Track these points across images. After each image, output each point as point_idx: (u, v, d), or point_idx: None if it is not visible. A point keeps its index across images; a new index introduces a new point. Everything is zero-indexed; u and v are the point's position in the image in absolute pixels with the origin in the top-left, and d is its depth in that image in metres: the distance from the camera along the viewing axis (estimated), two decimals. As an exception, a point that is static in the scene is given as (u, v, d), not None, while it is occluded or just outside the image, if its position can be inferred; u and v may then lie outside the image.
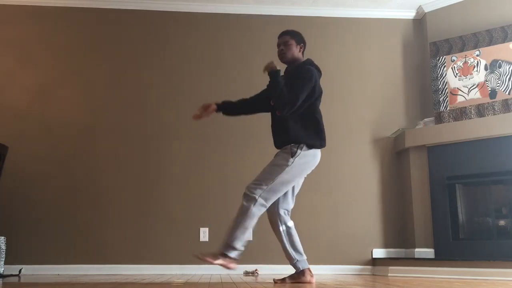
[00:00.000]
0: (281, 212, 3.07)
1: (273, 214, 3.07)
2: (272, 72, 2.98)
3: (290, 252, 3.05)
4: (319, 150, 3.05)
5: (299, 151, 2.95)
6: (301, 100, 2.95)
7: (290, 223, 3.08)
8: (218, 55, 4.93)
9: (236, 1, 4.92)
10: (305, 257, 3.08)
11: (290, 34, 3.16)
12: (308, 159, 3.00)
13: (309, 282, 3.02)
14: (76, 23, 4.88)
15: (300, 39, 3.18)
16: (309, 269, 3.06)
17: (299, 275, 3.05)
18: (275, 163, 2.98)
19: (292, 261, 3.06)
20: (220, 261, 2.85)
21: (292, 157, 2.94)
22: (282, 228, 3.06)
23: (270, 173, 2.93)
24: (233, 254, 2.87)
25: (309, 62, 3.13)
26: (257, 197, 2.87)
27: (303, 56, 3.20)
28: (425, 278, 3.72)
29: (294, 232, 3.07)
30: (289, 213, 3.13)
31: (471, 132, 4.31)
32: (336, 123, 4.81)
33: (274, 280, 3.12)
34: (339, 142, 4.79)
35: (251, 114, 3.34)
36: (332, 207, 4.71)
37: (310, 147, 2.98)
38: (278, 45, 3.18)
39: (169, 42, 4.92)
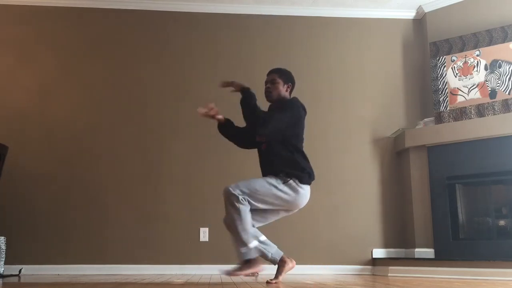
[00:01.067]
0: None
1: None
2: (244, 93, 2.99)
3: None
4: (309, 188, 2.99)
5: (291, 181, 2.92)
6: (283, 125, 2.90)
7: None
8: (218, 55, 4.93)
9: (236, 1, 4.92)
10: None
11: (278, 73, 3.11)
12: (299, 194, 2.94)
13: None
14: (76, 23, 4.89)
15: (288, 79, 3.11)
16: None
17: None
18: (267, 180, 2.93)
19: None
20: (246, 270, 2.88)
21: (283, 183, 2.90)
22: None
23: (257, 184, 2.89)
24: (252, 254, 2.86)
25: (295, 100, 3.06)
26: (237, 194, 2.85)
27: (290, 96, 3.14)
28: (425, 278, 3.72)
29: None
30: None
31: (471, 132, 4.31)
32: (336, 123, 4.82)
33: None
34: (339, 142, 4.79)
35: (240, 145, 3.27)
36: (332, 207, 4.70)
37: (300, 180, 2.93)
38: (266, 83, 3.12)
39: (169, 42, 4.92)
